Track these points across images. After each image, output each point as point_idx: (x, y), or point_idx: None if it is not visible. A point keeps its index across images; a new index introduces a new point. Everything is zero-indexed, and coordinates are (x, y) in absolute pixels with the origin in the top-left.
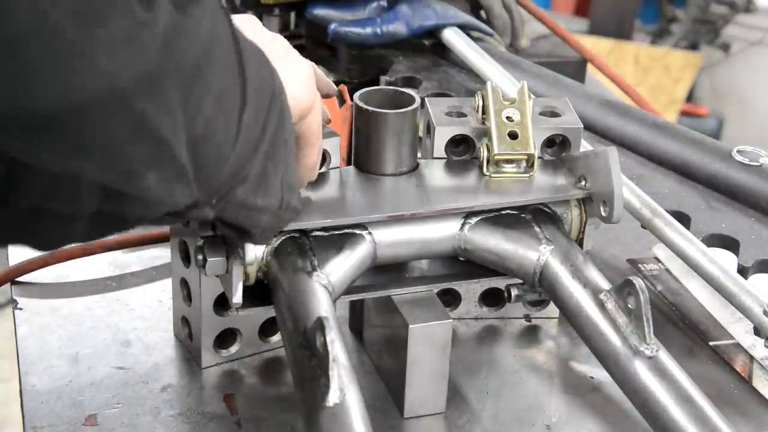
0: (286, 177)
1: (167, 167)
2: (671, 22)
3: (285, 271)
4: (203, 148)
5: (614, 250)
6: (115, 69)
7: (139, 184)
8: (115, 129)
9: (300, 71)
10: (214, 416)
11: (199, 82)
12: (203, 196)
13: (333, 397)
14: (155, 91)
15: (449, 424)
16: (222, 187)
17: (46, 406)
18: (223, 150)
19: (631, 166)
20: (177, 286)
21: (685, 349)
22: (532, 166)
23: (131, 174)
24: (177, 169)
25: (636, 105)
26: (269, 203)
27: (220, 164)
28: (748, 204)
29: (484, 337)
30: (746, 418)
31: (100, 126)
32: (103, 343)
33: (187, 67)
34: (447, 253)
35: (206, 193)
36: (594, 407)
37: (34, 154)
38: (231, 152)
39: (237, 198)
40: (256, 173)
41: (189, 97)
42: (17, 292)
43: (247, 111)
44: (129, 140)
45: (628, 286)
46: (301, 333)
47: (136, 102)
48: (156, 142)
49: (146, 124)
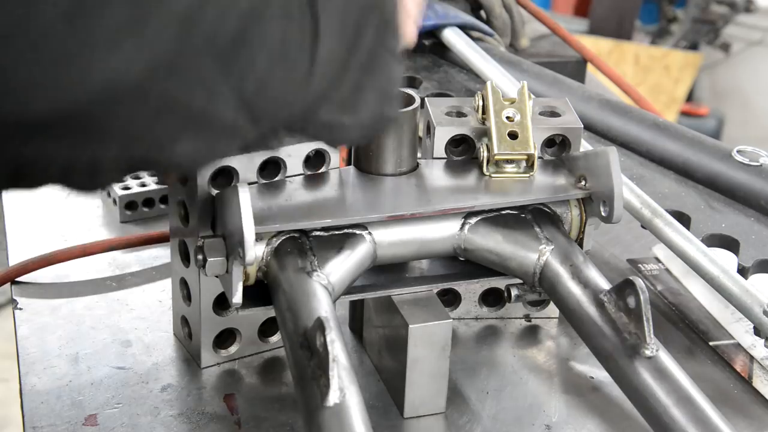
0: (386, 84)
1: (204, 131)
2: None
3: (285, 271)
4: (260, 100)
5: (614, 250)
6: (119, 64)
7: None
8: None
9: None
10: (214, 416)
11: (244, 44)
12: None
13: (333, 397)
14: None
15: (449, 424)
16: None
17: (46, 406)
18: (287, 95)
19: (631, 166)
20: (177, 286)
21: (685, 349)
22: (532, 166)
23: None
24: (218, 127)
25: (636, 105)
26: (358, 120)
27: (284, 107)
28: (748, 204)
29: (484, 337)
30: (746, 418)
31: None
32: (103, 343)
33: (224, 35)
34: (447, 253)
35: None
36: (594, 407)
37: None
38: (298, 92)
39: (319, 119)
40: (345, 89)
41: (231, 64)
42: (17, 292)
43: (324, 44)
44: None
45: (628, 286)
46: (301, 333)
47: (154, 87)
48: (186, 115)
49: (172, 103)
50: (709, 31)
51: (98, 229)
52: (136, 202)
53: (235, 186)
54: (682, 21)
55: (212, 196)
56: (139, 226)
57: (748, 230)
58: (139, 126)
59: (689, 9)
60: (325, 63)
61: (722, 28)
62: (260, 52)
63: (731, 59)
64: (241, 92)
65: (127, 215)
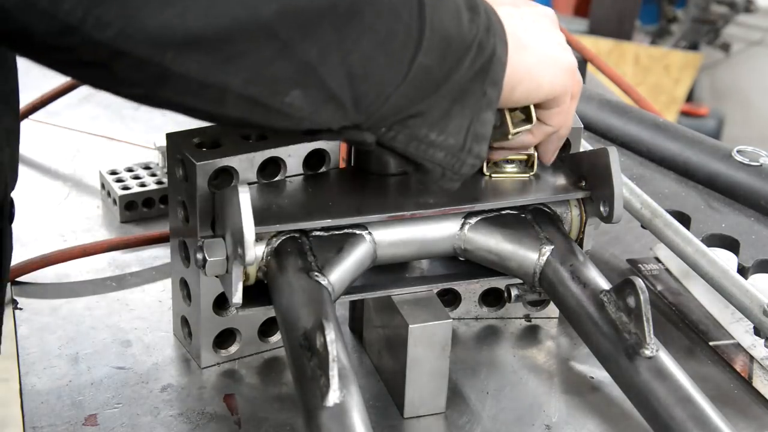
0: (476, 126)
1: (313, 89)
2: (671, 22)
3: (285, 271)
4: (362, 82)
5: (614, 250)
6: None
7: (281, 99)
8: (258, 52)
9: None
10: (214, 416)
11: (357, 22)
12: (365, 121)
13: (333, 397)
14: (304, 25)
15: (449, 424)
16: (388, 117)
17: (46, 406)
18: (386, 87)
19: (631, 166)
20: (177, 286)
21: (685, 349)
22: (532, 166)
23: (275, 90)
24: (325, 93)
25: (636, 105)
26: (447, 142)
27: (382, 99)
28: (748, 204)
29: (484, 337)
30: (746, 418)
31: (243, 48)
32: (103, 343)
33: (343, 7)
34: (447, 253)
35: (368, 119)
36: (594, 407)
37: (183, 65)
38: (395, 90)
39: (408, 129)
40: (437, 111)
41: (344, 34)
42: (17, 292)
43: (424, 55)
44: (272, 61)
45: (628, 286)
46: (301, 333)
47: (281, 32)
48: (301, 66)
49: (291, 51)
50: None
51: (98, 229)
52: (136, 202)
53: (235, 186)
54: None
55: (212, 196)
56: (139, 226)
57: (748, 230)
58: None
59: (689, 9)
60: (420, 74)
61: (722, 28)
62: (369, 33)
63: (731, 59)
64: (347, 65)
65: (127, 215)
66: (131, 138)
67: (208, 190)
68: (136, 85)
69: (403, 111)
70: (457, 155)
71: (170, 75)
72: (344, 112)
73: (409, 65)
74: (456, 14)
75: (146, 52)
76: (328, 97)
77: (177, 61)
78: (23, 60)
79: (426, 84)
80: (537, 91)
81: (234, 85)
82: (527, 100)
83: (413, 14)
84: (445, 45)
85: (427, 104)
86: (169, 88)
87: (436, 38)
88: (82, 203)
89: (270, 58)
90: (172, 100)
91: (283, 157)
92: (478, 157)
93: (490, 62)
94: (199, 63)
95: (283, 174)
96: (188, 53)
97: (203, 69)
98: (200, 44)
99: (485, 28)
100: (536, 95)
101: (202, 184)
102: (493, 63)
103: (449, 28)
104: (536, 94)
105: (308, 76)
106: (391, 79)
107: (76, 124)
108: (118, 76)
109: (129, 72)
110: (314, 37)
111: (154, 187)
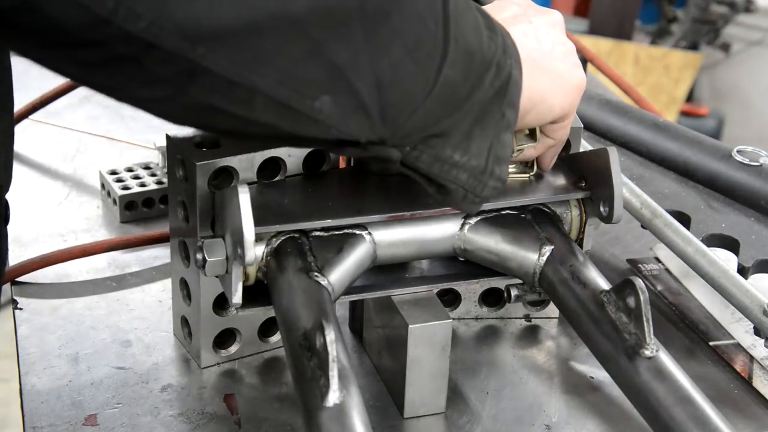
0: (497, 148)
1: (343, 95)
2: (671, 22)
3: (285, 271)
4: (390, 91)
5: (614, 250)
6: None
7: (311, 103)
8: (290, 50)
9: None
10: (214, 416)
11: (386, 25)
12: (390, 137)
13: (333, 397)
14: (334, 24)
15: (449, 424)
16: (413, 134)
17: (46, 406)
18: (414, 97)
19: (631, 166)
20: (177, 286)
21: (685, 349)
22: (532, 166)
23: (304, 92)
24: (354, 101)
25: (636, 105)
26: (470, 164)
27: (409, 111)
28: (748, 204)
29: (484, 337)
30: (746, 418)
31: (274, 45)
32: (103, 343)
33: (372, 7)
34: (447, 253)
35: (394, 135)
36: (594, 407)
37: (213, 60)
38: (423, 101)
39: (433, 149)
40: (459, 131)
41: (373, 38)
42: (17, 292)
43: (449, 67)
44: (303, 62)
45: (628, 286)
46: (301, 333)
47: (311, 30)
48: (331, 69)
49: (322, 51)
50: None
51: (98, 229)
52: (136, 202)
53: (235, 186)
54: (682, 21)
55: (212, 196)
56: (139, 226)
57: (748, 230)
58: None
59: (689, 9)
60: (446, 87)
61: (722, 28)
62: (397, 38)
63: (731, 59)
64: (376, 72)
65: (127, 215)
66: (131, 138)
67: (208, 190)
68: (164, 82)
69: (428, 128)
70: (479, 177)
71: (200, 71)
72: (371, 123)
73: (435, 76)
74: (477, 30)
75: (177, 45)
76: (356, 105)
77: (207, 56)
78: (23, 60)
79: (451, 99)
80: (549, 113)
81: (264, 86)
82: (538, 122)
83: (439, 23)
84: (469, 60)
85: (451, 123)
86: (197, 85)
87: (460, 51)
88: (82, 203)
89: (300, 58)
90: (200, 101)
91: (283, 157)
92: (500, 180)
93: (508, 84)
94: (229, 59)
95: (283, 174)
96: (218, 48)
97: (233, 65)
98: (230, 39)
99: (502, 49)
100: (548, 118)
101: (202, 184)
102: (510, 85)
103: (472, 43)
104: (548, 117)
105: (338, 81)
106: (418, 89)
107: (76, 124)
108: (147, 71)
109: (158, 67)
110: (344, 37)
111: (154, 187)
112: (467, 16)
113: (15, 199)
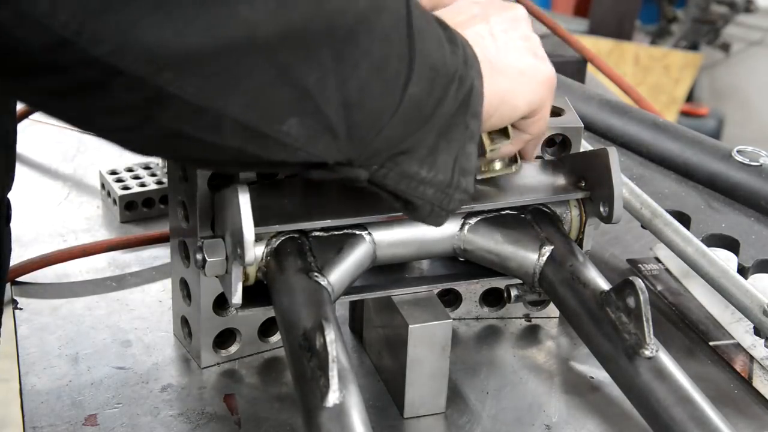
0: (462, 160)
1: (310, 117)
2: (671, 22)
3: (285, 271)
4: (357, 111)
5: (614, 250)
6: (257, 20)
7: (278, 127)
8: (258, 74)
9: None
10: (214, 416)
11: (354, 46)
12: (357, 157)
13: (333, 397)
14: (303, 47)
15: (449, 424)
16: (381, 153)
17: (46, 406)
18: (381, 116)
19: (631, 166)
20: (177, 286)
21: (685, 349)
22: (516, 160)
23: (272, 116)
24: (322, 122)
25: (636, 105)
26: (437, 179)
27: (375, 130)
28: (748, 204)
29: (484, 337)
30: (746, 418)
31: (242, 69)
32: (103, 343)
33: (341, 29)
34: (446, 254)
35: (361, 155)
36: (594, 407)
37: (180, 86)
38: (389, 120)
39: (399, 166)
40: (425, 146)
41: (342, 59)
42: (17, 292)
43: (414, 84)
44: (271, 85)
45: (628, 286)
46: (301, 333)
47: (280, 54)
48: (299, 92)
49: (290, 74)
50: (709, 31)
51: (98, 229)
52: (136, 202)
53: (234, 186)
54: (682, 21)
55: (212, 196)
56: (139, 226)
57: (748, 230)
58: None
59: (689, 9)
60: (412, 104)
61: (722, 28)
62: (365, 59)
63: (731, 59)
64: (343, 92)
65: (127, 215)
66: None
67: (208, 190)
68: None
69: (394, 146)
70: (446, 191)
71: (166, 97)
72: (338, 143)
73: (401, 94)
74: (440, 45)
75: (142, 70)
76: (324, 126)
77: (175, 81)
78: None
79: (416, 115)
80: (513, 112)
81: (231, 110)
82: (504, 123)
83: (403, 41)
84: (434, 75)
85: (416, 139)
86: (164, 112)
87: (425, 67)
88: (82, 203)
89: (269, 82)
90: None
91: None
92: (466, 192)
93: (470, 95)
94: (197, 84)
95: (283, 174)
96: (186, 73)
97: (200, 91)
98: (198, 63)
99: (463, 61)
100: (513, 116)
101: (202, 184)
102: (472, 96)
103: (436, 58)
104: (513, 116)
105: (305, 103)
106: (385, 108)
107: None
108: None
109: (124, 93)
110: (313, 60)
111: (154, 187)
112: (430, 31)
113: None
